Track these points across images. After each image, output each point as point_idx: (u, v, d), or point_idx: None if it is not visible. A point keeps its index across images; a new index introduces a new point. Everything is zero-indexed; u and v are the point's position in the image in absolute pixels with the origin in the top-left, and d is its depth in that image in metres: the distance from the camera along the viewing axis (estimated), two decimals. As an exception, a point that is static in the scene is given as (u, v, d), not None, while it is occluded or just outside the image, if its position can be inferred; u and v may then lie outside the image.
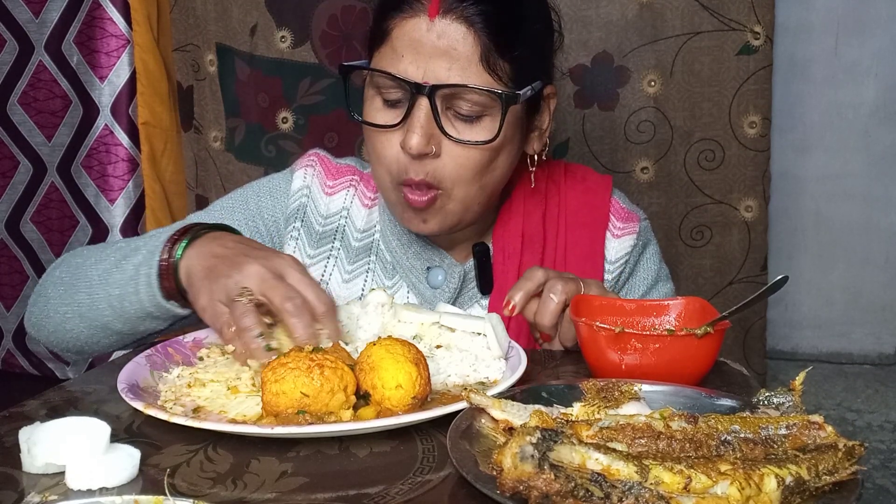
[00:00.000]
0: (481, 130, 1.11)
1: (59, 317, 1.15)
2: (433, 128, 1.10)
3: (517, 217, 1.27)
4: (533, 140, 1.23)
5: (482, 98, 1.09)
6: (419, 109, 1.09)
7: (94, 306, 1.10)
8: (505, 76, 1.11)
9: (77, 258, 1.18)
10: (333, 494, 0.70)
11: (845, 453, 0.68)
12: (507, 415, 0.78)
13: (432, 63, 1.09)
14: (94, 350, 1.18)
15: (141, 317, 1.08)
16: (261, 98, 2.09)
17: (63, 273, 1.17)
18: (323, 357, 0.82)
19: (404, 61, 1.10)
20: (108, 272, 1.10)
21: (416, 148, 1.09)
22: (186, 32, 2.14)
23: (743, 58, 1.90)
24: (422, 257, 1.25)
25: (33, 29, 2.22)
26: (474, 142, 1.11)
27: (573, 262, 1.26)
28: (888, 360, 2.71)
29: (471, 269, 1.26)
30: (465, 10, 1.09)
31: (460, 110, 1.10)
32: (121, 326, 1.10)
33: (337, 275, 1.28)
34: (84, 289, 1.12)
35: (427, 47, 1.09)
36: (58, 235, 2.39)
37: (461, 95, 1.09)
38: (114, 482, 0.70)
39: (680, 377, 0.90)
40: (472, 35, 1.09)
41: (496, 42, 1.09)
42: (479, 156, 1.12)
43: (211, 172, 2.18)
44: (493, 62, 1.09)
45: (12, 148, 2.35)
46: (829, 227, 2.65)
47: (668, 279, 1.34)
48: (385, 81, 1.12)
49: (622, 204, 1.31)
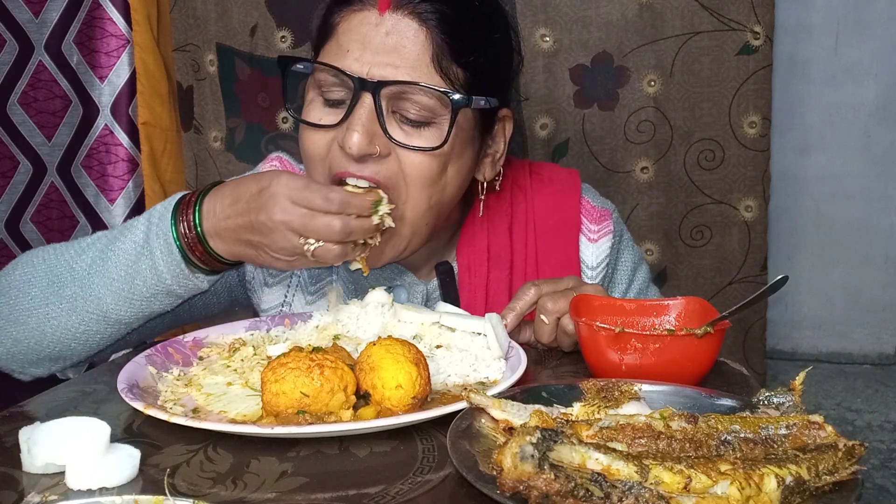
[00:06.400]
0: (430, 137, 1.04)
1: (35, 319, 1.06)
2: (376, 128, 1.02)
3: (482, 232, 1.21)
4: (485, 166, 1.16)
5: (431, 102, 1.02)
6: (362, 107, 1.01)
7: (91, 297, 1.04)
8: (457, 82, 1.04)
9: (40, 257, 1.09)
10: (333, 494, 0.70)
11: (845, 453, 0.68)
12: (507, 415, 0.78)
13: (379, 59, 1.02)
14: (73, 354, 1.09)
15: (154, 294, 1.04)
16: (261, 98, 2.09)
17: (30, 274, 1.08)
18: (323, 357, 0.82)
19: (349, 56, 1.03)
20: (101, 259, 1.04)
21: (357, 147, 1.00)
22: (186, 32, 2.14)
23: (743, 58, 1.90)
24: (382, 276, 1.20)
25: (33, 29, 2.22)
26: (419, 147, 1.03)
27: (547, 273, 1.21)
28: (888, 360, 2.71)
29: (434, 289, 1.21)
30: (418, 6, 1.02)
31: (407, 114, 1.03)
32: (125, 312, 1.05)
33: (300, 296, 1.24)
34: (72, 282, 1.05)
35: (374, 43, 1.02)
36: (58, 235, 2.39)
37: (408, 97, 1.02)
38: (114, 482, 0.70)
39: (680, 377, 0.90)
40: (425, 33, 1.02)
41: (450, 44, 1.03)
42: (426, 164, 1.04)
43: (211, 172, 2.18)
44: (446, 65, 1.03)
45: (12, 148, 2.35)
46: (829, 227, 2.66)
47: (642, 261, 1.32)
48: (327, 78, 1.04)
49: (593, 202, 1.27)
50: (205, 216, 1.02)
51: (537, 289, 1.06)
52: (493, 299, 1.20)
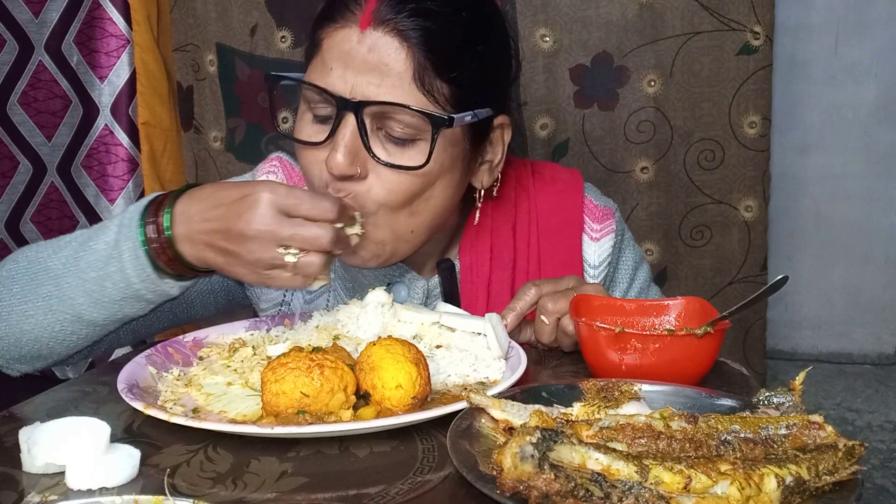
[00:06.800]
0: (414, 155, 1.02)
1: (15, 316, 1.05)
2: (359, 147, 1.01)
3: (484, 231, 1.21)
4: (482, 173, 1.15)
5: (415, 120, 1.01)
6: (345, 127, 1.01)
7: (64, 296, 1.02)
8: (442, 98, 1.03)
9: (25, 254, 1.09)
10: (333, 494, 0.70)
11: (845, 453, 0.68)
12: (507, 415, 0.78)
13: (361, 78, 1.01)
14: (53, 353, 1.08)
15: (124, 298, 1.02)
16: (261, 98, 2.09)
17: (13, 271, 1.07)
18: (323, 357, 0.82)
19: (333, 74, 1.02)
20: (74, 259, 1.03)
21: (338, 168, 1.00)
22: (186, 32, 2.14)
23: (743, 58, 1.90)
24: (381, 274, 1.19)
25: (33, 29, 2.22)
26: (399, 166, 1.02)
27: (549, 273, 1.20)
28: (888, 360, 2.71)
29: (435, 286, 1.21)
30: (399, 23, 1.00)
31: (392, 132, 1.02)
32: (97, 314, 1.03)
33: (298, 294, 1.24)
34: (47, 281, 1.03)
35: (357, 60, 1.01)
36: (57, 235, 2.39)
37: (392, 115, 1.01)
38: (114, 482, 0.70)
39: (680, 377, 0.90)
40: (406, 50, 1.00)
41: (433, 60, 1.01)
42: (409, 183, 1.03)
43: (211, 172, 2.18)
44: (429, 82, 1.01)
45: (12, 148, 2.35)
46: (829, 227, 2.66)
47: (643, 260, 1.32)
48: (313, 95, 1.04)
49: (595, 201, 1.26)
50: (177, 219, 0.98)
51: (538, 289, 1.06)
52: (494, 299, 1.20)
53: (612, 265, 1.26)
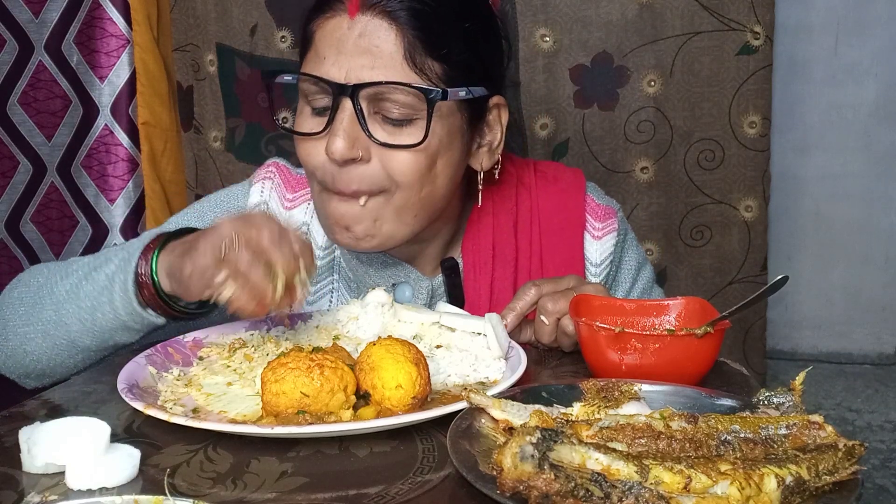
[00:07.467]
0: (413, 132, 1.04)
1: (18, 338, 1.07)
2: (358, 131, 1.03)
3: (486, 229, 1.21)
4: (481, 156, 1.16)
5: (409, 99, 1.03)
6: (342, 112, 1.03)
7: (61, 322, 1.04)
8: (434, 76, 1.04)
9: (37, 277, 1.11)
10: (333, 494, 0.70)
11: (845, 453, 0.68)
12: (507, 415, 0.78)
13: (354, 62, 1.03)
14: (55, 373, 1.10)
15: (113, 328, 1.02)
16: (261, 98, 2.09)
17: (23, 293, 1.10)
18: (323, 357, 0.82)
19: (326, 63, 1.04)
20: (76, 286, 1.04)
21: (339, 153, 1.02)
22: (186, 32, 2.14)
23: (743, 58, 1.90)
24: (386, 273, 1.19)
25: (33, 29, 2.22)
26: (399, 145, 1.03)
27: (552, 271, 1.21)
28: (888, 360, 2.71)
29: (440, 285, 1.21)
30: (387, 4, 1.03)
31: (389, 113, 1.04)
32: (89, 342, 1.04)
33: None
34: (50, 306, 1.05)
35: (348, 46, 1.03)
36: (58, 235, 2.39)
37: (388, 97, 1.03)
38: (114, 482, 0.70)
39: (680, 377, 0.90)
40: (396, 31, 1.03)
41: (422, 38, 1.03)
42: (412, 161, 1.04)
43: (211, 172, 2.18)
44: (421, 60, 1.03)
45: (12, 148, 2.35)
46: (829, 227, 2.66)
47: (646, 261, 1.32)
48: (310, 87, 1.06)
49: (597, 200, 1.27)
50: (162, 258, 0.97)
51: (538, 289, 1.06)
52: (497, 298, 1.20)
53: (614, 264, 1.26)
